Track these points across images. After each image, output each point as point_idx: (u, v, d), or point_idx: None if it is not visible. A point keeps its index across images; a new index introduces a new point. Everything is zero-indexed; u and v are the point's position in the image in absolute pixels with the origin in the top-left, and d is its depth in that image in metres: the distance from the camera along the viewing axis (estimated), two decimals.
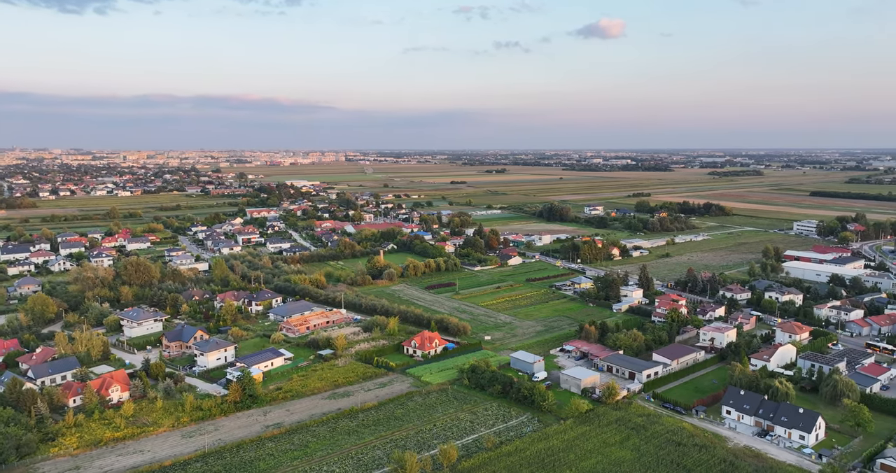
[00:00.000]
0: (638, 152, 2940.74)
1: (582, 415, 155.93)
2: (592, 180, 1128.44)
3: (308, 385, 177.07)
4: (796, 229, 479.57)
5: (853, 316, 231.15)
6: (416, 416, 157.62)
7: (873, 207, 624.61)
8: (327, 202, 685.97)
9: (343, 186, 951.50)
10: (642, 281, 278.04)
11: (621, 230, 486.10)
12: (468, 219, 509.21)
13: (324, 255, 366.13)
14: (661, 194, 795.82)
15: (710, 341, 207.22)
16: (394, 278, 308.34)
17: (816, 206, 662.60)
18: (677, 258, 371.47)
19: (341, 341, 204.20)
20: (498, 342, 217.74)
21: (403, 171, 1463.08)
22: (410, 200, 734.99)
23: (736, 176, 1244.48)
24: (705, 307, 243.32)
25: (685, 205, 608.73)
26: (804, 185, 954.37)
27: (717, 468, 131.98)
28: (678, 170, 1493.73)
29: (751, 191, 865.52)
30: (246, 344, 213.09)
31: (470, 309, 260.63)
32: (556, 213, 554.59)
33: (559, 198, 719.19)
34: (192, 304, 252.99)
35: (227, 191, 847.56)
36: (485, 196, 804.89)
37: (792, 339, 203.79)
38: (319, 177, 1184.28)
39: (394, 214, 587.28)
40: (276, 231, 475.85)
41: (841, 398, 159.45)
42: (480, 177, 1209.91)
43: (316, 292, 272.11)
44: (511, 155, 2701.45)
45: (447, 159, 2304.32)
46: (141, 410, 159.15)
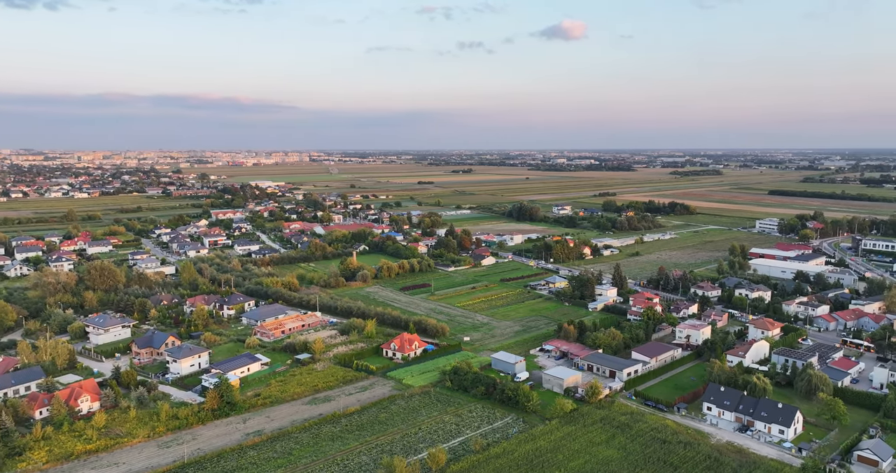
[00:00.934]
0: (601, 152, 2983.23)
1: (567, 415, 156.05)
2: (558, 180, 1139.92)
3: (287, 390, 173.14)
4: (758, 227, 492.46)
5: (820, 311, 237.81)
6: (401, 420, 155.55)
7: (829, 206, 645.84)
8: (294, 203, 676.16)
9: (309, 187, 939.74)
10: (616, 279, 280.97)
11: (590, 229, 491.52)
12: (439, 220, 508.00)
13: (294, 257, 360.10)
14: (627, 194, 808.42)
15: (686, 338, 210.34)
16: (368, 280, 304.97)
17: (775, 205, 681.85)
18: (647, 256, 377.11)
19: (319, 345, 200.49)
20: (477, 343, 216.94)
21: (369, 172, 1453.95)
22: (379, 201, 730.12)
23: (697, 175, 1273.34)
24: (679, 305, 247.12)
25: (651, 204, 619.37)
26: (762, 184, 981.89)
27: (702, 464, 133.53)
28: (641, 170, 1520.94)
29: (712, 191, 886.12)
30: (219, 350, 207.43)
31: (447, 310, 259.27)
32: (526, 213, 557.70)
33: (526, 198, 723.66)
34: (161, 309, 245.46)
35: (189, 192, 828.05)
36: (453, 196, 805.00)
37: (764, 335, 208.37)
38: (284, 177, 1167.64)
39: (363, 215, 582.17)
40: (243, 233, 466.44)
41: (816, 392, 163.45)
42: (447, 178, 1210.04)
43: (289, 295, 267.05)
44: (476, 155, 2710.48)
45: (412, 159, 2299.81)
46: (113, 420, 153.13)
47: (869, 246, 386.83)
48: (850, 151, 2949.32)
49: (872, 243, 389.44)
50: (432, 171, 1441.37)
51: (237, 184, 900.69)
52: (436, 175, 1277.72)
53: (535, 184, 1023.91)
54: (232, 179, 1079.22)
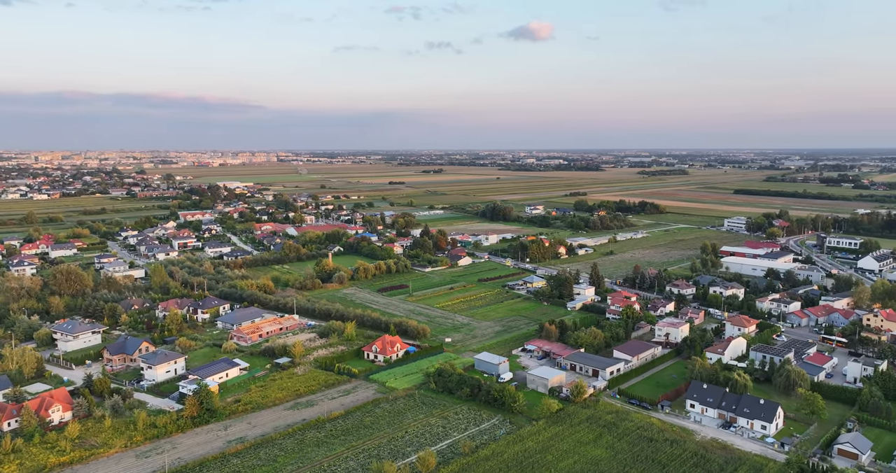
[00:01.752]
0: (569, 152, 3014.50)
1: (553, 415, 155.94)
2: (529, 180, 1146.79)
3: (268, 395, 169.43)
4: (727, 225, 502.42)
5: (792, 308, 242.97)
6: (386, 423, 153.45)
7: (792, 204, 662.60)
8: (264, 204, 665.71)
9: (278, 187, 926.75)
10: (593, 279, 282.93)
11: (564, 229, 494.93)
12: (412, 220, 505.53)
13: (268, 259, 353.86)
14: (597, 193, 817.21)
15: (666, 336, 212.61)
16: (344, 281, 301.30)
17: (741, 204, 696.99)
18: (621, 255, 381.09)
19: (299, 348, 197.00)
20: (459, 344, 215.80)
21: (339, 172, 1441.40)
22: (350, 201, 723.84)
23: (664, 175, 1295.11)
24: (656, 303, 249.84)
25: (621, 203, 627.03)
26: (727, 184, 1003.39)
27: (689, 461, 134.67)
28: (609, 170, 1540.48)
29: (679, 190, 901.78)
30: (195, 355, 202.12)
31: (426, 311, 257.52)
32: (500, 213, 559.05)
33: (498, 198, 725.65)
34: (132, 314, 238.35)
35: (155, 193, 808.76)
36: (425, 196, 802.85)
37: (741, 332, 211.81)
38: (252, 178, 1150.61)
39: (335, 216, 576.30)
40: (213, 234, 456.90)
41: (794, 387, 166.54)
42: (418, 178, 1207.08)
43: (265, 298, 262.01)
44: (446, 155, 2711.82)
45: (382, 159, 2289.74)
46: (88, 431, 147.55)
47: (833, 244, 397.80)
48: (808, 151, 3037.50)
49: (836, 241, 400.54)
50: (403, 172, 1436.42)
51: (204, 184, 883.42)
52: (406, 175, 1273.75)
53: (506, 184, 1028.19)
54: (198, 180, 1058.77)
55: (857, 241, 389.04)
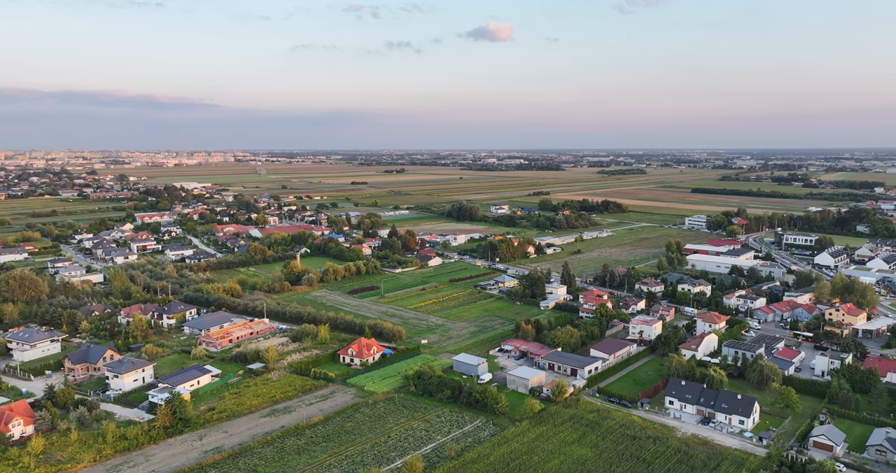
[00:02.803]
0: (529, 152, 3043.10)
1: (536, 416, 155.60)
2: (492, 180, 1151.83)
3: (243, 402, 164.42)
4: (688, 224, 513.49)
5: (758, 304, 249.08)
6: (368, 428, 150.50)
7: (748, 202, 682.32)
8: (225, 205, 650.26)
9: (238, 188, 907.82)
10: (565, 277, 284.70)
11: (530, 228, 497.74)
12: (379, 220, 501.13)
13: (233, 262, 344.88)
14: (560, 193, 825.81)
15: (640, 334, 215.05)
16: (313, 283, 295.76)
17: (699, 202, 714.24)
18: (588, 254, 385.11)
19: (272, 353, 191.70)
20: (435, 345, 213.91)
21: (299, 172, 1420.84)
22: (313, 202, 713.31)
23: (623, 174, 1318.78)
24: (627, 301, 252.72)
25: (585, 202, 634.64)
26: (684, 183, 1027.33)
27: (673, 458, 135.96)
28: (570, 170, 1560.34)
29: (639, 189, 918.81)
30: (163, 362, 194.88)
31: (399, 312, 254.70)
32: (466, 213, 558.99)
33: (462, 198, 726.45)
34: (93, 321, 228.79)
35: (108, 194, 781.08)
36: (389, 196, 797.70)
37: (712, 328, 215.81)
38: (210, 178, 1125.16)
39: (299, 217, 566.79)
40: (173, 237, 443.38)
41: (768, 382, 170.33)
42: (380, 178, 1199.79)
43: (233, 302, 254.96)
44: (407, 155, 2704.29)
45: (342, 159, 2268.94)
46: (52, 445, 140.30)
47: (790, 241, 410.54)
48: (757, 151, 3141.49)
49: (793, 238, 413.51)
50: (364, 172, 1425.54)
51: (160, 185, 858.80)
52: (369, 175, 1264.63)
53: (470, 184, 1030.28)
54: (153, 180, 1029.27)
55: (812, 238, 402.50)
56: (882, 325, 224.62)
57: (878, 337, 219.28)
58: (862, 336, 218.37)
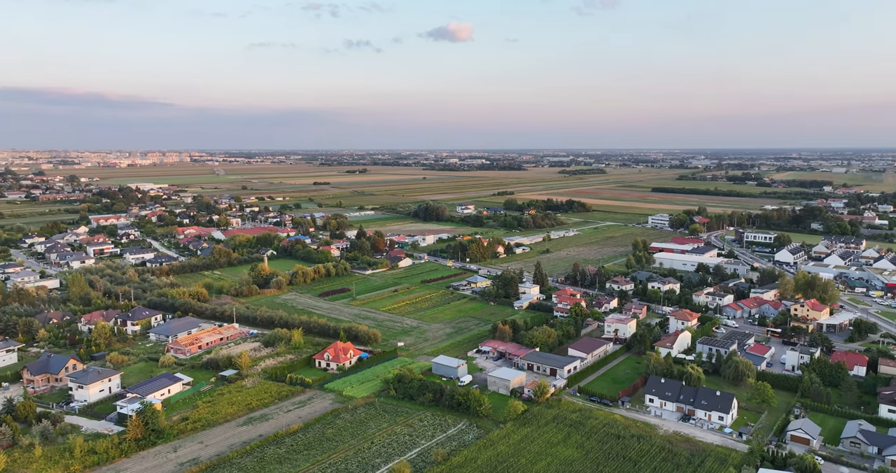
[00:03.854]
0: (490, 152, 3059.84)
1: (520, 417, 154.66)
2: (455, 180, 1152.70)
3: (218, 411, 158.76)
4: (651, 222, 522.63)
5: (726, 301, 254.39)
6: (349, 435, 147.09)
7: (706, 201, 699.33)
8: (184, 206, 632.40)
9: (196, 189, 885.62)
10: (537, 277, 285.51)
11: (497, 228, 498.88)
12: (345, 221, 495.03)
13: (197, 265, 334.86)
14: (524, 192, 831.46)
15: (615, 332, 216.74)
16: (282, 286, 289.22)
17: (659, 201, 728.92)
18: (557, 253, 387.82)
19: (245, 359, 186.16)
20: (412, 347, 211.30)
21: (259, 173, 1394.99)
22: (276, 203, 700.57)
23: (583, 174, 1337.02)
24: (600, 300, 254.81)
25: (550, 202, 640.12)
26: (644, 182, 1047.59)
27: (658, 456, 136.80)
28: (531, 169, 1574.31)
29: (600, 189, 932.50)
30: (130, 370, 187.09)
31: (372, 314, 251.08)
32: (433, 213, 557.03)
33: (427, 198, 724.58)
34: (52, 329, 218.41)
35: (59, 196, 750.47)
36: (353, 197, 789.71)
37: (685, 326, 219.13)
38: (166, 179, 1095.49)
39: (262, 218, 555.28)
40: (132, 240, 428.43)
41: (743, 378, 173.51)
42: (343, 178, 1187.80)
43: (200, 306, 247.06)
44: (368, 155, 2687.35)
45: (302, 159, 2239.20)
46: (15, 462, 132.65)
47: (751, 239, 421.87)
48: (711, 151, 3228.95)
49: (753, 235, 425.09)
50: (326, 172, 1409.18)
51: (115, 186, 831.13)
52: (330, 175, 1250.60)
53: (434, 184, 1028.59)
54: (106, 181, 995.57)
55: (771, 236, 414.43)
56: (844, 320, 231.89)
57: (841, 331, 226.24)
58: (826, 330, 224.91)
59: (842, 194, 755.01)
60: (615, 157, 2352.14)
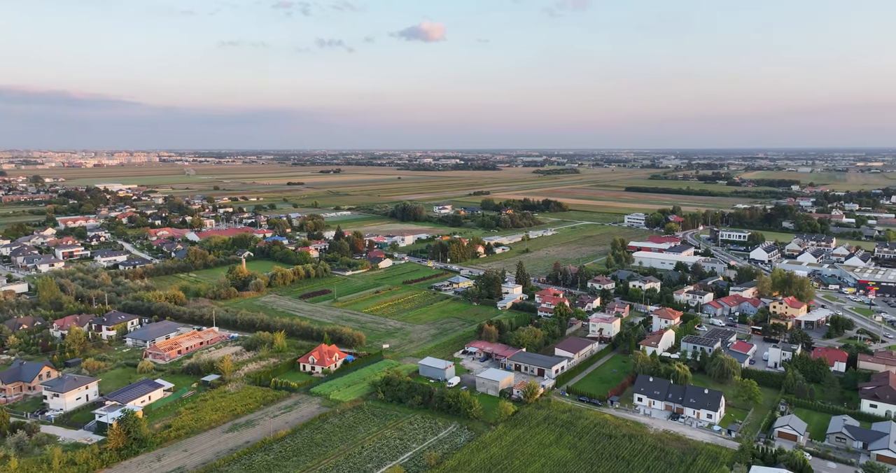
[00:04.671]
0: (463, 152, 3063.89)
1: (511, 418, 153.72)
2: (430, 180, 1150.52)
3: (202, 418, 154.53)
4: (627, 222, 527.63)
5: (706, 299, 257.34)
6: (339, 439, 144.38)
7: (679, 200, 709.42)
8: (155, 207, 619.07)
9: (167, 190, 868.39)
10: (519, 277, 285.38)
11: (475, 228, 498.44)
12: (322, 222, 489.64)
13: (172, 267, 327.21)
14: (499, 192, 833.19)
15: (599, 331, 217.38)
16: (262, 288, 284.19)
17: (633, 200, 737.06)
18: (536, 253, 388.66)
19: (227, 364, 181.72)
20: (397, 349, 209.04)
21: (230, 173, 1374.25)
22: (250, 203, 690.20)
23: (557, 174, 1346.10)
24: (583, 299, 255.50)
25: (527, 202, 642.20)
26: (617, 182, 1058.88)
27: (651, 456, 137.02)
28: (506, 169, 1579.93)
29: (575, 188, 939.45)
30: (107, 377, 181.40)
31: (355, 316, 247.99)
32: (410, 213, 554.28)
33: (403, 198, 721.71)
34: (22, 335, 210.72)
35: (23, 197, 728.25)
36: (328, 197, 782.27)
37: (669, 324, 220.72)
38: (135, 179, 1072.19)
39: (237, 219, 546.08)
40: (102, 242, 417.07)
41: (729, 375, 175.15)
42: (317, 178, 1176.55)
43: (177, 310, 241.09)
44: (341, 155, 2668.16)
45: (274, 159, 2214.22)
46: None
47: (725, 237, 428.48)
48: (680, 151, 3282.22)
49: (728, 234, 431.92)
50: (299, 172, 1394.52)
51: (81, 187, 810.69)
52: (304, 175, 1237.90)
53: (409, 184, 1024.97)
54: (72, 182, 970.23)
55: (745, 234, 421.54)
56: (821, 316, 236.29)
57: (819, 328, 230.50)
58: (804, 327, 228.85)
59: (809, 193, 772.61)
60: (587, 157, 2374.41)
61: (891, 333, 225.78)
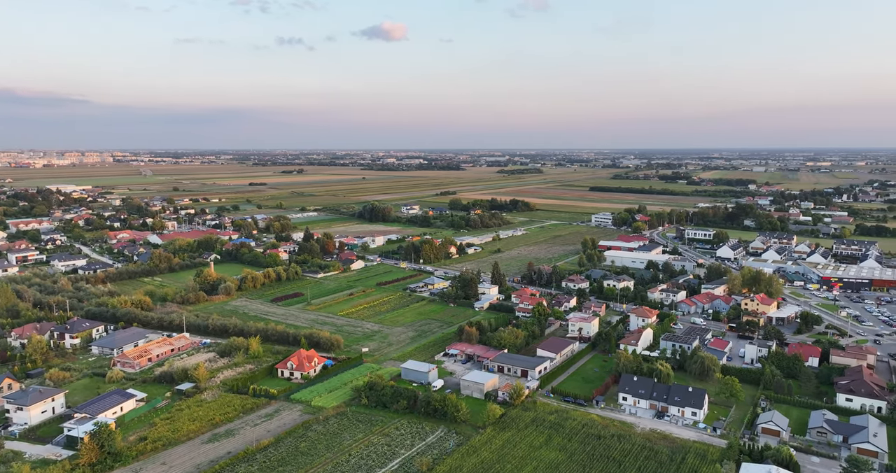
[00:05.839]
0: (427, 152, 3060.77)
1: (498, 421, 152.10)
2: (395, 180, 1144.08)
3: (179, 429, 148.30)
4: (595, 221, 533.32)
5: (679, 297, 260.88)
6: (324, 447, 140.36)
7: (643, 200, 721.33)
8: (113, 209, 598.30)
9: (123, 191, 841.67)
10: (495, 277, 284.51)
11: (445, 228, 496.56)
12: (289, 223, 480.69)
13: (135, 271, 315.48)
14: (465, 192, 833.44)
15: (579, 331, 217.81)
16: (231, 292, 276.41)
17: (598, 200, 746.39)
18: (508, 253, 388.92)
19: (202, 371, 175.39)
20: (377, 353, 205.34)
21: (189, 173, 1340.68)
22: (212, 204, 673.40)
23: (521, 174, 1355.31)
24: (560, 299, 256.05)
25: (494, 202, 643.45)
26: (581, 181, 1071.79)
27: (641, 455, 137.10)
28: (470, 169, 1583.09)
29: (540, 188, 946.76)
30: (73, 388, 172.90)
31: (330, 320, 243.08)
32: (378, 214, 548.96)
33: (369, 198, 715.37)
34: None
35: None
36: (292, 197, 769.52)
37: (646, 323, 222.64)
38: (88, 180, 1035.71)
39: (199, 220, 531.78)
40: (59, 246, 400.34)
41: (709, 373, 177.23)
42: (279, 178, 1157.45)
43: (145, 316, 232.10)
44: (303, 155, 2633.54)
45: (234, 159, 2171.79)
46: None
47: (691, 236, 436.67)
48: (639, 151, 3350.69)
49: (693, 232, 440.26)
50: (260, 172, 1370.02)
51: (31, 188, 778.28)
52: (266, 176, 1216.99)
53: (374, 184, 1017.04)
54: (21, 183, 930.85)
55: (710, 233, 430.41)
56: (791, 313, 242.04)
57: (789, 324, 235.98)
58: (775, 323, 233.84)
59: (765, 192, 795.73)
60: (549, 157, 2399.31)
61: (857, 328, 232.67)
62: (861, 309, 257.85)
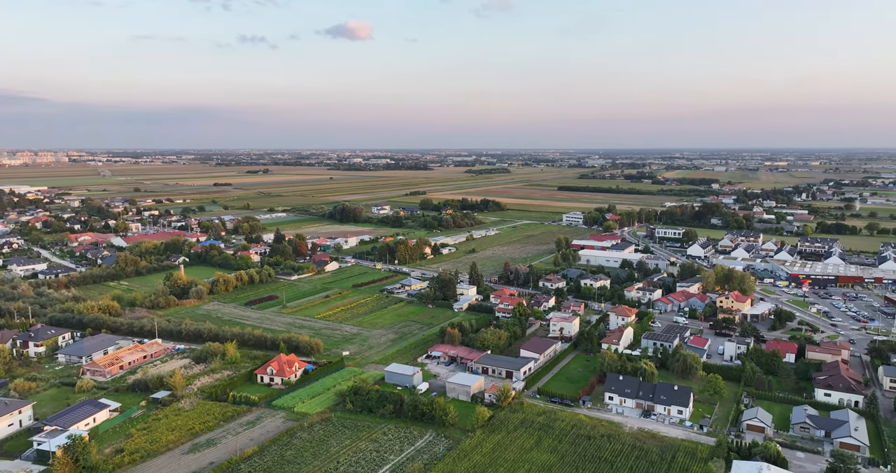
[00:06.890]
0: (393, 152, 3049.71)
1: (487, 424, 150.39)
2: (363, 180, 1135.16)
3: (157, 439, 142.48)
4: (566, 220, 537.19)
5: (656, 295, 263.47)
6: (311, 455, 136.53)
7: (611, 199, 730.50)
8: (72, 211, 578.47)
9: (82, 191, 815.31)
10: (473, 278, 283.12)
11: (417, 228, 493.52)
12: (258, 224, 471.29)
13: (100, 275, 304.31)
14: (435, 192, 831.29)
15: (560, 331, 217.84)
16: (203, 296, 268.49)
17: (567, 200, 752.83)
18: (483, 253, 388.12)
19: (178, 378, 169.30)
20: (358, 356, 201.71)
21: (150, 173, 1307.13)
22: (176, 206, 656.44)
23: (489, 173, 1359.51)
24: (539, 299, 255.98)
25: (465, 201, 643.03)
26: (549, 181, 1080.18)
27: (631, 455, 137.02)
28: (437, 169, 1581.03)
29: (508, 188, 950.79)
30: (41, 399, 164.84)
31: (308, 323, 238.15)
32: (349, 214, 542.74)
33: (338, 199, 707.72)
34: None
35: None
36: (259, 198, 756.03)
37: (626, 322, 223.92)
38: (43, 181, 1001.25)
39: (165, 222, 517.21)
40: (15, 249, 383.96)
41: (692, 370, 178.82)
42: (244, 179, 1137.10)
43: (113, 322, 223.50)
44: (267, 155, 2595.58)
45: (196, 159, 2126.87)
46: None
47: (662, 234, 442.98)
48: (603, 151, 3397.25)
49: (664, 231, 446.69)
50: (225, 172, 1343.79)
51: None
52: (231, 176, 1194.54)
53: (343, 184, 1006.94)
54: None
55: (680, 231, 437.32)
56: (764, 310, 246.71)
57: (763, 320, 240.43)
58: (750, 320, 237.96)
59: (728, 191, 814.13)
60: (515, 157, 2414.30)
61: (827, 323, 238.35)
62: (829, 305, 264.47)
